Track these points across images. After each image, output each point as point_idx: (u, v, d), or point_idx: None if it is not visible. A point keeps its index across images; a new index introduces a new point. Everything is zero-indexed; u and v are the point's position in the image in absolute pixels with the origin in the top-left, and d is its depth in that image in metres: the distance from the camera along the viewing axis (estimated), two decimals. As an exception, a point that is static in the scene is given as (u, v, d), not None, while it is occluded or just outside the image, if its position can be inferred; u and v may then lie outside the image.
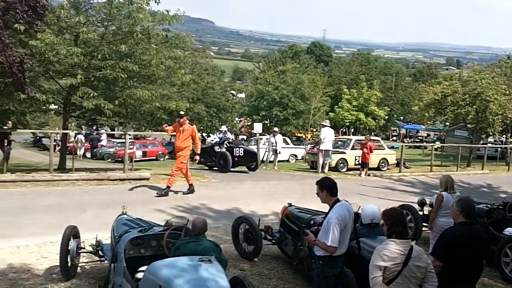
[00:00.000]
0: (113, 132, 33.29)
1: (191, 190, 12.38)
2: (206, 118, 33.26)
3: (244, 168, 18.00)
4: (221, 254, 5.14)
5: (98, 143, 33.44)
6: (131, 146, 23.61)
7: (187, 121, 12.15)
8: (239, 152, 17.66)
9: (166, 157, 32.36)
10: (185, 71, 18.18)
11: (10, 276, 6.43)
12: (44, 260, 7.08)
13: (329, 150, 18.68)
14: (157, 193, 12.06)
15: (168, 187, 12.15)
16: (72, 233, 6.53)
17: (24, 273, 6.57)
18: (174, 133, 12.49)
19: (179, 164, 12.09)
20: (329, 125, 20.12)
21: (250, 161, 18.13)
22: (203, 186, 13.96)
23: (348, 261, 5.31)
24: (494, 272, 7.82)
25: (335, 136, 23.11)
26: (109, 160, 29.75)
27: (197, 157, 12.99)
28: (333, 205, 5.03)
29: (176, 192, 12.34)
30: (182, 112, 12.66)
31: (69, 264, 6.36)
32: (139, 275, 4.69)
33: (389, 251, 3.95)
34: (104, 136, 34.09)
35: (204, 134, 38.42)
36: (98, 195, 12.07)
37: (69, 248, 6.35)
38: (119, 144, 30.40)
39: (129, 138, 25.67)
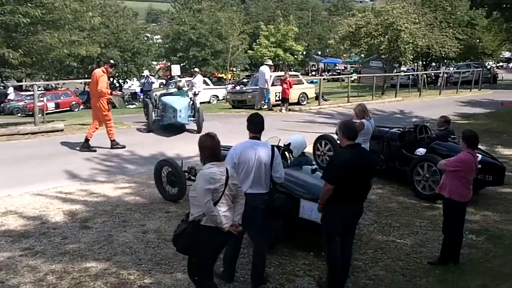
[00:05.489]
0: (20, 84, 31.06)
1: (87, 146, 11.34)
2: (121, 63, 31.92)
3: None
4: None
5: (6, 98, 31.26)
6: (41, 98, 22.36)
7: None
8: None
9: (81, 107, 30.85)
10: (93, 14, 17.15)
11: None
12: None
13: (264, 88, 18.60)
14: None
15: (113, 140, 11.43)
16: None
17: None
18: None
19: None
20: (269, 64, 19.66)
21: None
22: (123, 133, 13.52)
23: None
24: (408, 191, 8.34)
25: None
26: (19, 114, 27.94)
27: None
28: None
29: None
30: (112, 61, 13.37)
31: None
32: None
33: (214, 174, 4.15)
34: (11, 90, 31.88)
35: (121, 81, 36.99)
36: (8, 151, 11.36)
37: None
38: (28, 97, 28.57)
39: (39, 89, 24.17)
